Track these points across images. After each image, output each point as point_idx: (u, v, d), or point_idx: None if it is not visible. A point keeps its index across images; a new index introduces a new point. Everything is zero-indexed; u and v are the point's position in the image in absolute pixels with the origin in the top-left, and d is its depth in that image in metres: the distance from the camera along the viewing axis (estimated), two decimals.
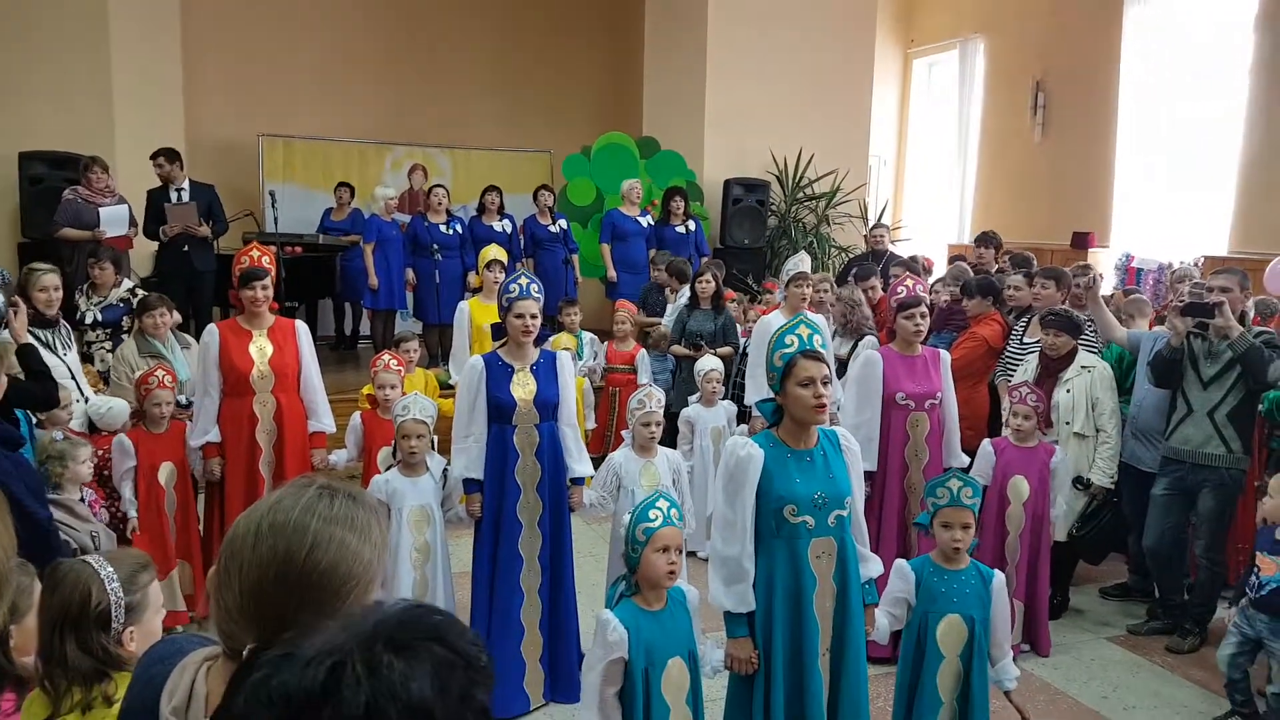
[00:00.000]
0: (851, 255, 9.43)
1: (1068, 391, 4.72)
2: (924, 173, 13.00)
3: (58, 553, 3.12)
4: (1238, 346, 4.30)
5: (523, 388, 3.79)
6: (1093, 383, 4.72)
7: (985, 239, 7.61)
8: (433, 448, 4.13)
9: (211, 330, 4.43)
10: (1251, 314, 4.99)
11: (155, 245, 7.38)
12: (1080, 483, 4.64)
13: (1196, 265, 7.68)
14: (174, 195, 7.18)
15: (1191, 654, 4.54)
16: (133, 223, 6.98)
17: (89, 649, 1.93)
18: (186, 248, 7.16)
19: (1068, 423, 4.70)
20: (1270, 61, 8.32)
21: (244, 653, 1.09)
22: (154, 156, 7.16)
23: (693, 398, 5.71)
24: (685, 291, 7.04)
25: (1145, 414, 4.83)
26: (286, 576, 1.11)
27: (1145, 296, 6.46)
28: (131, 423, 4.60)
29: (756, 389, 5.45)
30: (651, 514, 2.71)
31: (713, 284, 6.67)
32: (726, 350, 6.48)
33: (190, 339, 5.63)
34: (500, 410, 3.78)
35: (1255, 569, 3.75)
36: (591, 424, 6.41)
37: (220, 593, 1.15)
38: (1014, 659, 3.23)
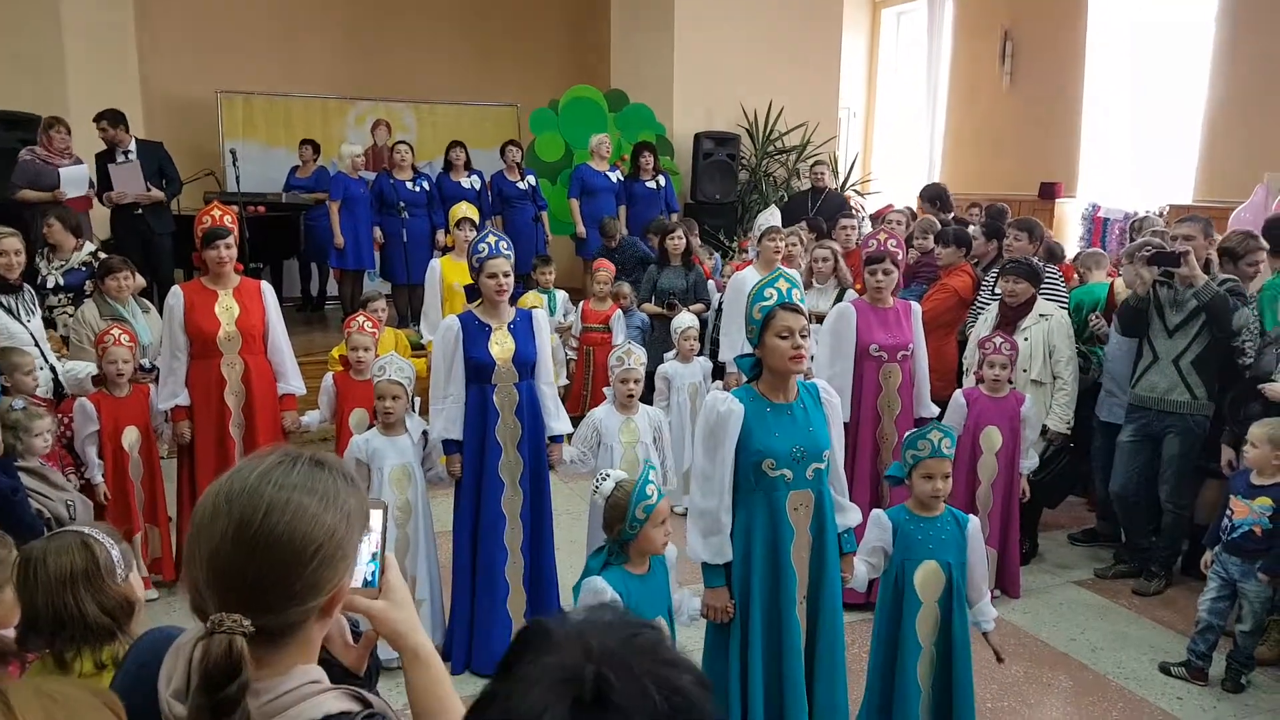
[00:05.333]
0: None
1: (1025, 339, 4.78)
2: (894, 124, 12.96)
3: (22, 523, 3.08)
4: (1202, 295, 4.36)
5: (501, 346, 3.77)
6: (1050, 330, 4.79)
7: (930, 193, 7.23)
8: (414, 409, 4.10)
9: (176, 292, 4.35)
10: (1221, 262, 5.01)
11: (110, 209, 7.18)
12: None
13: (1161, 214, 7.72)
14: (119, 158, 6.95)
15: (1157, 595, 4.67)
16: (91, 183, 6.79)
17: (106, 602, 1.92)
18: (140, 210, 6.98)
19: (1025, 370, 4.77)
20: (1235, 10, 8.34)
21: (206, 624, 1.07)
22: (97, 120, 6.83)
23: (668, 355, 5.70)
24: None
25: (1115, 364, 4.90)
26: (241, 542, 1.09)
27: (1101, 250, 6.45)
28: (94, 387, 4.53)
29: (730, 345, 5.47)
30: (648, 490, 2.76)
31: (683, 241, 6.64)
32: (699, 306, 6.47)
33: (149, 304, 5.52)
34: (479, 370, 3.75)
35: (1229, 512, 3.80)
36: (564, 381, 6.39)
37: (190, 568, 1.14)
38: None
